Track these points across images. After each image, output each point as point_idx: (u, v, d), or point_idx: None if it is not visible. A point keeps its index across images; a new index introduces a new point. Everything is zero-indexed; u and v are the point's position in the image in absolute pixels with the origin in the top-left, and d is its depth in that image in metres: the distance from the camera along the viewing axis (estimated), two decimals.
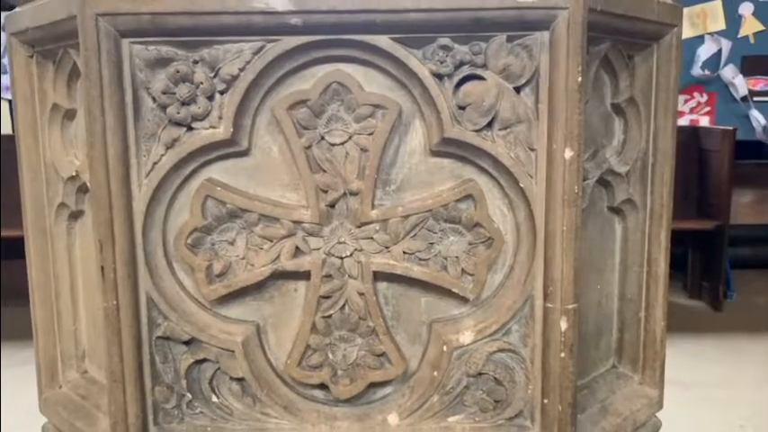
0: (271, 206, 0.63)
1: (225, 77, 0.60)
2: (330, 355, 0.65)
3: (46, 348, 0.77)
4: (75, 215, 0.74)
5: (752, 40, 3.60)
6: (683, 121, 3.72)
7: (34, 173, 0.74)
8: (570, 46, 0.58)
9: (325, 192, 0.63)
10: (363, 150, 0.62)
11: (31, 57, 0.71)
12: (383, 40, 0.59)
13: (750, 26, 3.58)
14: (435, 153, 0.63)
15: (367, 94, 0.61)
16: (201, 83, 0.60)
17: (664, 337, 0.77)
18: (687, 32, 3.62)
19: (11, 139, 3.28)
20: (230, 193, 0.63)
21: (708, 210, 3.52)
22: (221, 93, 0.61)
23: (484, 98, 0.61)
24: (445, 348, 0.64)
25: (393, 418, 0.65)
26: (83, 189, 0.72)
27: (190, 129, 0.62)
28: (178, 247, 0.63)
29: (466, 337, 0.64)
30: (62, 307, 0.77)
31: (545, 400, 0.64)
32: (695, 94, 3.65)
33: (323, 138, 0.62)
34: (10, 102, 4.06)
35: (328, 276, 0.63)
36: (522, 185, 0.62)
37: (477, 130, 0.61)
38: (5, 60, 4.05)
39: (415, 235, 0.63)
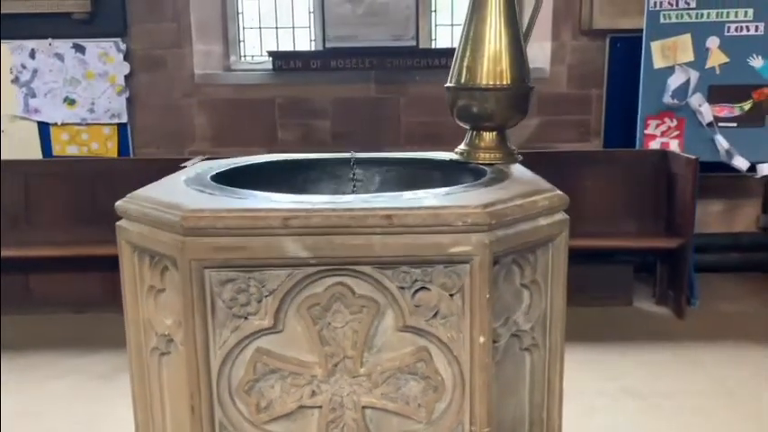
0: (295, 365, 1.00)
1: (269, 289, 0.97)
2: None
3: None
4: (164, 353, 1.11)
5: (717, 71, 3.93)
6: (655, 144, 4.07)
7: (135, 325, 1.11)
8: (480, 277, 0.94)
9: (331, 357, 1.00)
10: (355, 331, 0.99)
11: (134, 252, 1.08)
12: (367, 269, 0.96)
13: (716, 58, 3.90)
14: (401, 330, 1.00)
15: (357, 297, 0.98)
16: (254, 293, 0.97)
17: (560, 428, 1.14)
18: (659, 63, 3.96)
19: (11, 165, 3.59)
20: (271, 358, 1.00)
21: (674, 227, 3.88)
22: (266, 297, 0.98)
23: (431, 301, 0.97)
24: None
25: None
26: (169, 340, 1.08)
27: (246, 319, 0.98)
28: (238, 391, 1.00)
29: None
30: (155, 412, 1.14)
31: None
32: (666, 119, 3.99)
33: (329, 323, 0.99)
34: (38, 122, 4.41)
35: (333, 409, 1.01)
36: (455, 354, 0.98)
37: (426, 320, 0.98)
38: (34, 85, 4.37)
39: (388, 383, 1.00)
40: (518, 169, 1.29)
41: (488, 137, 1.38)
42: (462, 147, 1.41)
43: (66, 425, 2.75)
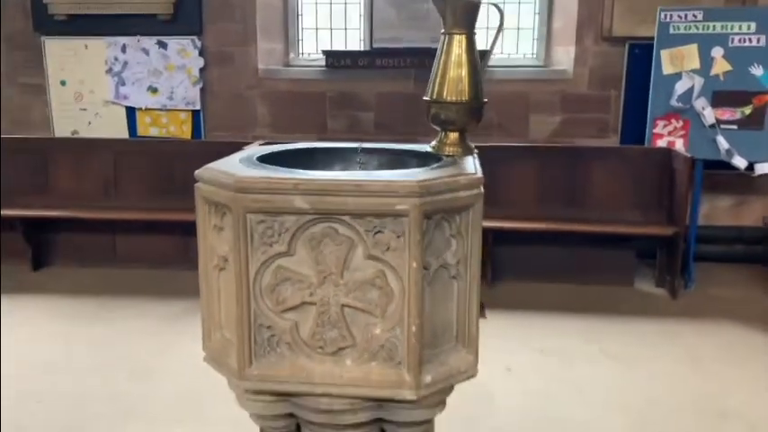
0: (301, 276, 1.60)
1: (285, 228, 1.57)
2: (323, 335, 1.62)
3: (209, 323, 1.78)
4: (222, 269, 1.73)
5: (721, 78, 4.36)
6: (662, 143, 4.53)
7: (204, 251, 1.73)
8: (414, 225, 1.52)
9: (322, 272, 1.59)
10: (338, 257, 1.58)
11: (205, 203, 1.70)
12: (346, 218, 1.55)
13: (720, 66, 4.33)
14: (367, 258, 1.58)
15: (339, 235, 1.57)
16: (276, 230, 1.57)
17: (477, 331, 1.71)
18: (668, 69, 4.42)
19: (104, 143, 4.49)
20: (286, 271, 1.60)
21: (673, 217, 4.34)
22: (284, 232, 1.58)
23: (384, 240, 1.56)
24: (370, 335, 1.61)
25: (348, 362, 1.63)
26: (225, 260, 1.70)
27: (271, 246, 1.59)
28: (265, 291, 1.61)
29: (378, 330, 1.60)
30: (213, 305, 1.77)
31: (409, 357, 1.60)
32: (672, 120, 4.43)
33: (322, 251, 1.58)
34: (126, 107, 5.15)
35: (323, 305, 1.61)
36: (399, 274, 1.56)
37: (382, 252, 1.56)
38: (124, 75, 5.07)
39: (358, 290, 1.59)
40: (467, 160, 1.85)
41: (452, 136, 1.94)
42: (434, 143, 1.98)
43: (139, 352, 3.47)
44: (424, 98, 1.97)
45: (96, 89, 5.22)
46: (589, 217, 4.44)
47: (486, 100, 1.95)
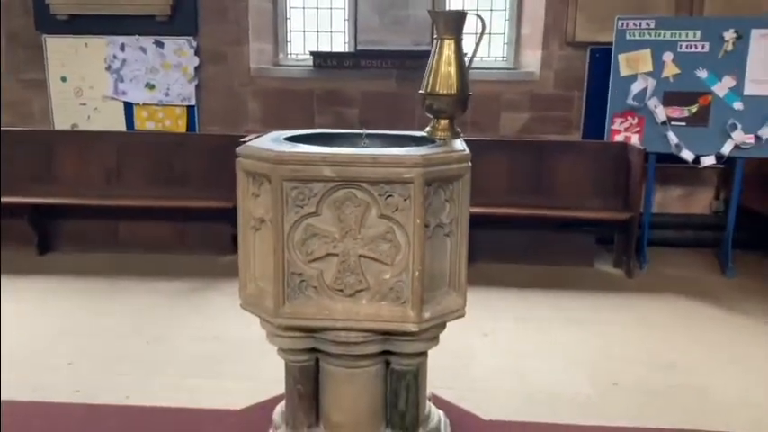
0: (326, 233, 2.00)
1: (314, 193, 1.96)
2: (344, 280, 2.02)
3: (245, 274, 2.16)
4: (257, 229, 2.12)
5: (671, 80, 4.85)
6: (620, 138, 5.00)
7: (243, 212, 2.12)
8: (417, 190, 1.92)
9: (343, 229, 1.99)
10: (356, 216, 1.98)
11: (245, 175, 2.08)
12: (364, 184, 1.94)
13: (670, 69, 4.83)
14: (379, 217, 1.99)
15: (358, 199, 1.97)
16: (307, 194, 1.96)
17: (465, 280, 2.12)
18: (624, 71, 4.90)
19: (107, 135, 4.89)
20: (314, 228, 2.00)
21: (628, 204, 4.82)
22: (313, 196, 1.97)
23: (394, 202, 1.96)
24: (381, 280, 2.01)
25: (364, 301, 2.03)
26: (261, 221, 2.09)
27: (302, 207, 1.98)
28: (297, 245, 2.00)
29: (388, 276, 2.01)
30: (249, 260, 2.15)
31: (413, 297, 2.01)
32: (628, 117, 4.92)
33: (344, 211, 1.98)
34: (124, 102, 5.46)
35: (344, 255, 2.00)
36: (406, 230, 1.97)
37: (392, 212, 1.97)
38: (122, 72, 5.37)
39: (372, 243, 2.00)
40: (456, 141, 2.27)
41: (443, 123, 2.36)
42: (428, 128, 2.39)
43: (154, 322, 3.81)
44: (420, 91, 2.38)
45: (96, 85, 5.52)
46: (554, 204, 4.90)
47: (471, 93, 2.37)
